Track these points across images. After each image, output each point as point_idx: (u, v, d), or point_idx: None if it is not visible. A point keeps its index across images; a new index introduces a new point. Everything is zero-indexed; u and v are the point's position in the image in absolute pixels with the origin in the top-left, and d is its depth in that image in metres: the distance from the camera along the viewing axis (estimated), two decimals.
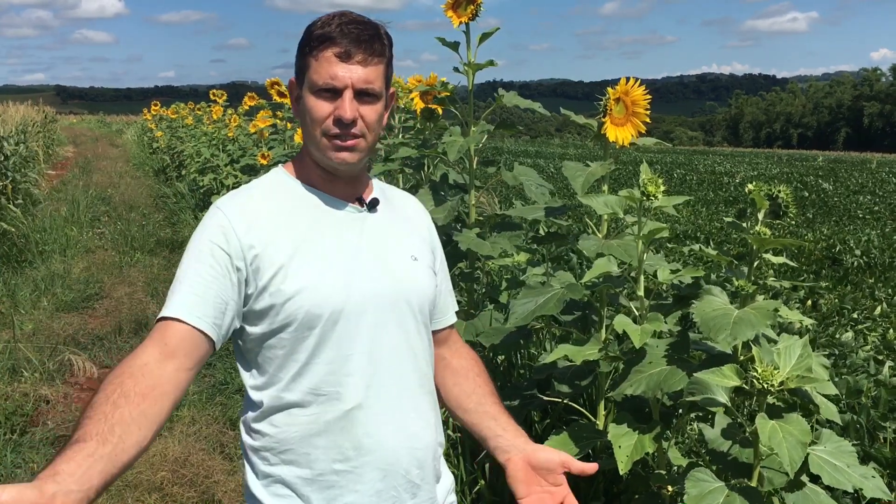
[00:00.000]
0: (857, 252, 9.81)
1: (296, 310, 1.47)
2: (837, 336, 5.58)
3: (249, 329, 1.52)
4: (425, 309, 1.65)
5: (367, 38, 1.50)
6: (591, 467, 1.56)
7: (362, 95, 1.51)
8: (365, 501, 1.54)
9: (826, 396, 2.16)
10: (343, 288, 1.50)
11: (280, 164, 1.69)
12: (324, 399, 1.51)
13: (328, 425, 1.51)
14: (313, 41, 1.51)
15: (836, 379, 4.02)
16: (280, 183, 1.61)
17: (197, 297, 1.43)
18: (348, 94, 1.49)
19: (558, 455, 1.58)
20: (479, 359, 1.83)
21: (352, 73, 1.49)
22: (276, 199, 1.57)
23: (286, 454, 1.53)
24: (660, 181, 2.26)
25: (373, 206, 1.64)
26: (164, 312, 1.43)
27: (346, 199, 1.61)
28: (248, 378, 1.56)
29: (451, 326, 1.82)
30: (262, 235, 1.49)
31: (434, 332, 1.74)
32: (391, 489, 1.56)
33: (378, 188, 1.71)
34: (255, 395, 1.55)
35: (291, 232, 1.52)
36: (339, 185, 1.60)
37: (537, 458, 1.59)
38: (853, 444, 2.12)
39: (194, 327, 1.42)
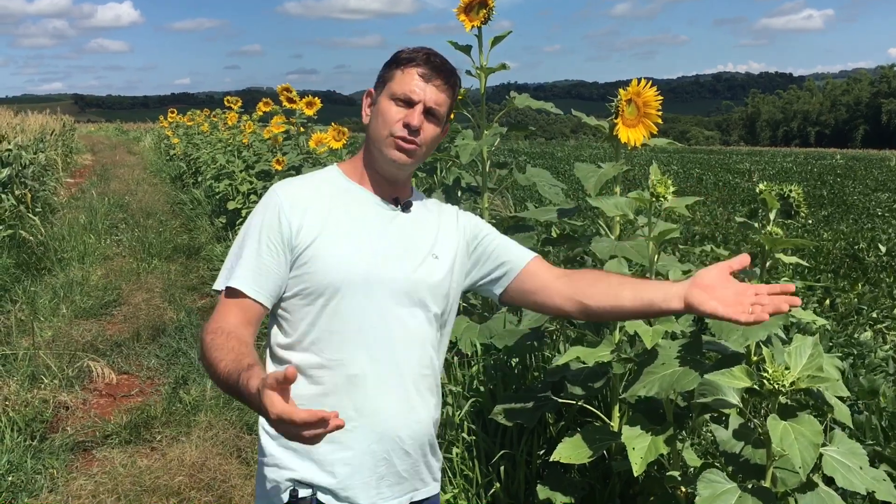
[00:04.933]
0: (882, 249, 9.73)
1: (319, 281, 1.73)
2: (856, 336, 5.54)
3: (284, 292, 1.77)
4: (439, 301, 1.84)
5: (446, 71, 1.81)
6: (744, 258, 1.65)
7: (429, 114, 1.78)
8: (360, 459, 1.75)
9: (838, 398, 2.14)
10: (362, 269, 1.74)
11: (335, 163, 1.95)
12: (335, 363, 1.74)
13: (336, 387, 1.74)
14: (403, 60, 1.79)
15: (853, 378, 3.98)
16: (328, 176, 1.88)
17: (262, 276, 1.73)
18: (419, 108, 1.77)
19: (715, 268, 1.66)
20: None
21: (427, 92, 1.77)
22: (320, 188, 1.83)
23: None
24: (669, 182, 2.26)
25: (406, 207, 1.87)
26: (234, 283, 1.72)
27: (383, 196, 1.85)
28: (277, 336, 1.80)
29: (531, 263, 1.93)
30: (303, 215, 1.75)
31: (520, 275, 1.91)
32: (384, 452, 1.77)
33: (418, 197, 1.94)
34: (280, 353, 1.79)
35: (325, 214, 1.77)
36: (381, 186, 1.85)
37: (702, 279, 1.66)
38: (867, 445, 2.11)
39: (262, 304, 1.73)
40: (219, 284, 1.77)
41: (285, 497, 1.74)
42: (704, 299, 1.62)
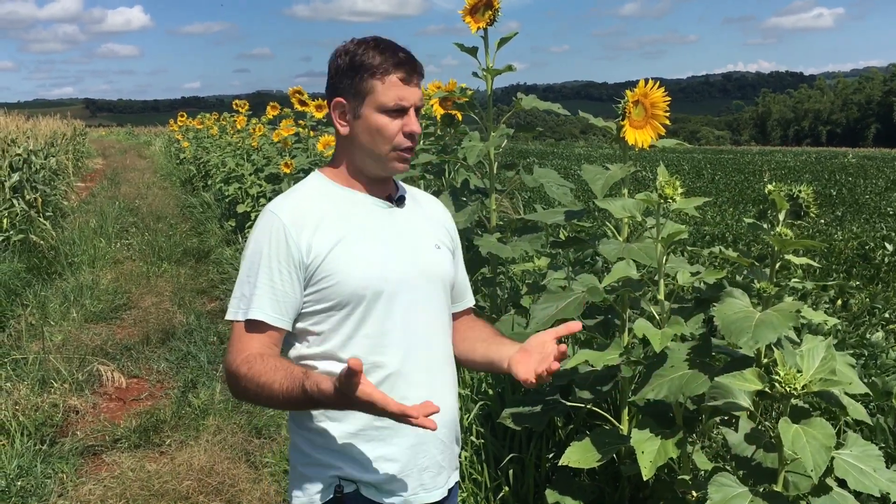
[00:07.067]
0: (890, 248, 9.65)
1: (341, 293, 1.74)
2: (868, 336, 5.48)
3: (303, 308, 1.78)
4: (448, 289, 1.93)
5: (415, 63, 1.80)
6: (574, 325, 1.77)
7: (416, 112, 1.81)
8: (400, 454, 1.79)
9: (854, 396, 2.11)
10: (381, 272, 1.76)
11: (316, 170, 1.93)
12: (367, 367, 1.70)
13: None
14: (378, 69, 1.75)
15: (865, 380, 3.94)
16: (318, 185, 1.86)
17: (279, 302, 1.74)
18: (412, 112, 1.79)
19: (545, 333, 1.79)
20: (488, 321, 2.14)
21: (413, 94, 1.78)
22: (316, 200, 1.82)
23: (331, 412, 1.76)
24: (677, 183, 2.24)
25: (400, 201, 1.90)
26: (255, 315, 1.73)
27: (376, 196, 1.87)
28: (302, 347, 1.81)
29: (468, 311, 2.09)
30: (311, 232, 1.75)
31: (454, 315, 2.01)
32: (422, 444, 1.81)
33: (403, 188, 1.96)
34: (306, 363, 1.79)
35: (333, 226, 1.77)
36: (372, 186, 1.86)
37: (528, 344, 1.79)
38: (880, 447, 2.08)
39: (281, 329, 1.76)
40: (234, 315, 1.77)
41: (329, 493, 1.77)
42: (517, 365, 1.75)
